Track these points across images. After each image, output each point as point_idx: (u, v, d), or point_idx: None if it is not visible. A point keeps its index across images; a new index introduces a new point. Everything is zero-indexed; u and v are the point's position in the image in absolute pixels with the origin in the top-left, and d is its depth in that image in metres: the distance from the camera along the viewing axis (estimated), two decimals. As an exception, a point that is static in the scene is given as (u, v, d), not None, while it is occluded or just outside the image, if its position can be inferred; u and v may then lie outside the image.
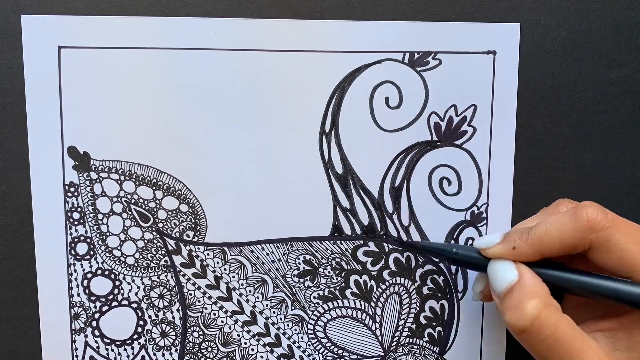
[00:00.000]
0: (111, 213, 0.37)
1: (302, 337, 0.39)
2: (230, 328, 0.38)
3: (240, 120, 0.37)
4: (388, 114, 0.37)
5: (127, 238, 0.37)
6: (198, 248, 0.38)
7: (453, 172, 0.38)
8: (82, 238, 0.37)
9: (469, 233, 0.38)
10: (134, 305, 0.38)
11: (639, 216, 0.39)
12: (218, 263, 0.38)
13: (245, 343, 0.39)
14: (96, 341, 0.38)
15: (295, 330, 0.39)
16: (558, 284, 0.32)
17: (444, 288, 0.39)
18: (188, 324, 0.38)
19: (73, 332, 0.38)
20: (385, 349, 0.39)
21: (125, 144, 0.37)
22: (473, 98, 0.37)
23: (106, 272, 0.38)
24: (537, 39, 0.37)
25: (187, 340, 0.38)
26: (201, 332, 0.38)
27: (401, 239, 0.38)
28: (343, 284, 0.38)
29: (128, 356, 0.38)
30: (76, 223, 0.37)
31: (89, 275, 0.38)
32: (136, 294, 0.38)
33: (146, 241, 0.38)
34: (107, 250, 0.38)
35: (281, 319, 0.39)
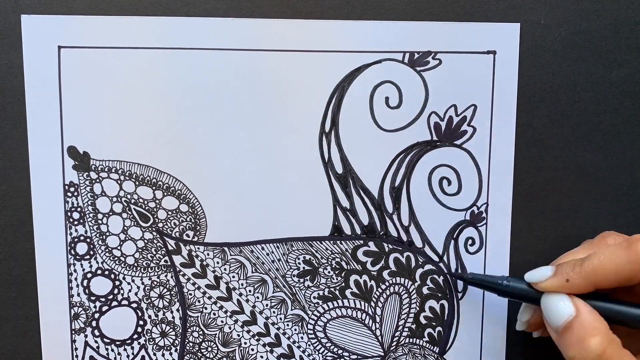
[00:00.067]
0: (111, 213, 0.37)
1: (302, 337, 0.39)
2: (230, 328, 0.38)
3: (240, 120, 0.37)
4: (388, 114, 0.37)
5: (127, 238, 0.37)
6: (198, 248, 0.38)
7: (453, 172, 0.38)
8: (82, 238, 0.37)
9: (469, 233, 0.38)
10: (134, 305, 0.38)
11: (639, 216, 0.39)
12: (218, 263, 0.38)
13: (245, 343, 0.39)
14: (96, 341, 0.38)
15: (295, 330, 0.39)
16: (609, 315, 0.31)
17: (444, 288, 0.39)
18: (188, 324, 0.38)
19: (73, 332, 0.38)
20: (385, 349, 0.39)
21: (125, 144, 0.37)
22: (473, 98, 0.37)
23: (106, 272, 0.38)
24: (537, 39, 0.37)
25: (187, 340, 0.38)
26: (201, 332, 0.38)
27: (450, 271, 0.38)
28: (343, 284, 0.38)
29: (128, 356, 0.38)
30: (76, 223, 0.37)
31: (89, 275, 0.38)
32: (136, 294, 0.38)
33: (146, 241, 0.38)
34: (107, 250, 0.38)
35: (281, 319, 0.38)
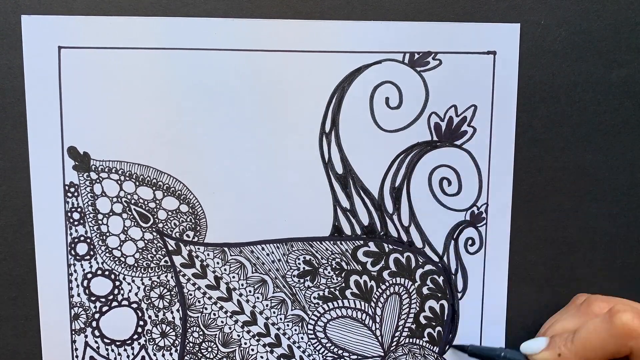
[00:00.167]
0: (111, 213, 0.37)
1: (302, 338, 0.39)
2: (230, 328, 0.38)
3: (240, 120, 0.37)
4: (388, 114, 0.37)
5: (127, 238, 0.37)
6: (198, 248, 0.38)
7: (453, 173, 0.38)
8: (82, 238, 0.37)
9: (469, 233, 0.38)
10: (134, 305, 0.38)
11: (639, 216, 0.39)
12: (218, 263, 0.38)
13: (245, 343, 0.39)
14: (96, 341, 0.38)
15: (295, 330, 0.39)
16: None
17: (444, 288, 0.39)
18: (188, 324, 0.38)
19: (73, 332, 0.38)
20: (385, 349, 0.39)
21: (125, 144, 0.37)
22: (473, 98, 0.37)
23: (106, 273, 0.38)
24: (537, 39, 0.37)
25: (187, 340, 0.38)
26: (201, 333, 0.38)
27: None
28: (343, 284, 0.38)
29: (128, 356, 0.38)
30: (76, 223, 0.37)
31: (89, 275, 0.38)
32: (136, 294, 0.38)
33: (146, 241, 0.38)
34: (107, 250, 0.38)
35: (281, 319, 0.38)
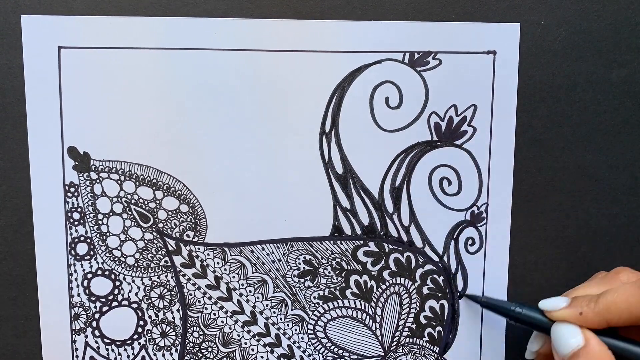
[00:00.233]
0: (111, 213, 0.37)
1: (302, 337, 0.39)
2: (230, 328, 0.38)
3: (240, 120, 0.37)
4: (388, 114, 0.37)
5: (127, 238, 0.37)
6: (198, 248, 0.38)
7: (453, 172, 0.38)
8: (82, 238, 0.37)
9: (469, 233, 0.38)
10: (134, 305, 0.38)
11: (639, 216, 0.39)
12: (218, 263, 0.38)
13: (245, 343, 0.39)
14: (96, 341, 0.38)
15: (295, 330, 0.39)
16: (618, 352, 0.32)
17: (444, 288, 0.39)
18: (188, 324, 0.38)
19: (73, 332, 0.38)
20: (385, 349, 0.39)
21: (125, 144, 0.37)
22: (473, 98, 0.37)
23: (106, 273, 0.38)
24: (537, 39, 0.37)
25: (188, 340, 0.38)
26: (201, 333, 0.38)
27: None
28: (343, 284, 0.38)
29: (128, 356, 0.38)
30: (76, 223, 0.37)
31: (89, 275, 0.38)
32: (136, 294, 0.38)
33: (146, 241, 0.38)
34: (107, 250, 0.38)
35: (281, 319, 0.38)
